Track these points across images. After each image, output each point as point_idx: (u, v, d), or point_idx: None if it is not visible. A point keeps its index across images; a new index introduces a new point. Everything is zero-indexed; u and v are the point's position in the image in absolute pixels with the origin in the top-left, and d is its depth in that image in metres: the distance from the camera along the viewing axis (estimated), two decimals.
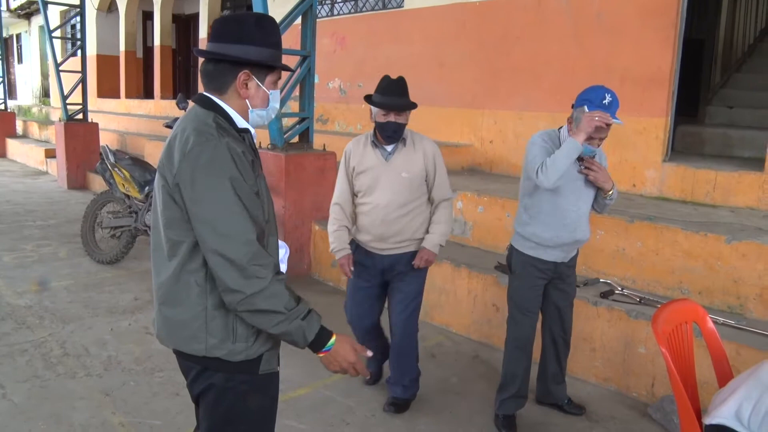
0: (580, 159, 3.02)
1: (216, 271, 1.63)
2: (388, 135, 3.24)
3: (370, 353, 1.87)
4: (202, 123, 1.69)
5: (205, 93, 1.79)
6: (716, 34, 8.14)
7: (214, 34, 1.75)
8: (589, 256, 4.24)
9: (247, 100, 1.78)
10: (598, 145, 3.04)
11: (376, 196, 3.28)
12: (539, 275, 3.22)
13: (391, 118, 3.21)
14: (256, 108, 1.80)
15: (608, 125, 2.89)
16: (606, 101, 2.91)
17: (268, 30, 1.76)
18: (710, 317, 2.61)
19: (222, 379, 1.78)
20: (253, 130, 1.85)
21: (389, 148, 3.30)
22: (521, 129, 6.24)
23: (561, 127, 3.14)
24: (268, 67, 1.78)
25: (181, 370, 1.92)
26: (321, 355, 1.77)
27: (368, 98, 3.30)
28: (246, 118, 1.81)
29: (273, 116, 1.89)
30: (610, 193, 3.11)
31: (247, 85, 1.76)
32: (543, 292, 3.30)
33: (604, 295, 3.93)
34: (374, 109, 3.25)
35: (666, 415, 3.36)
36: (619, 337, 3.75)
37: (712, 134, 6.20)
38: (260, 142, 4.11)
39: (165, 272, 1.76)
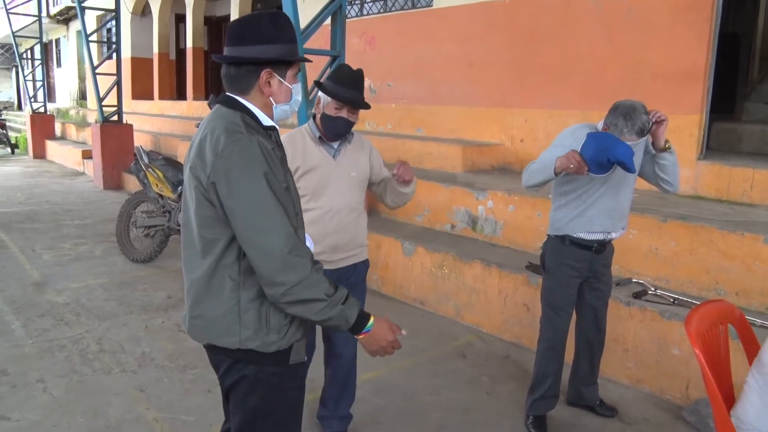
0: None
1: (257, 264, 1.67)
2: (337, 132, 2.85)
3: (404, 332, 1.90)
4: (230, 122, 1.73)
5: (228, 94, 1.82)
6: (755, 28, 7.93)
7: (231, 38, 1.78)
8: (622, 255, 4.18)
9: (270, 98, 1.82)
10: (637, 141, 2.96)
11: (326, 199, 2.87)
12: (574, 274, 3.19)
13: (344, 113, 2.80)
14: (279, 104, 1.84)
15: (578, 173, 2.83)
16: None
17: (282, 26, 1.79)
18: (747, 319, 2.56)
19: (254, 371, 1.82)
20: (275, 125, 1.88)
21: (335, 144, 2.91)
22: (552, 127, 6.17)
23: (599, 122, 3.09)
24: (287, 62, 1.82)
25: (212, 364, 1.95)
26: (361, 336, 1.82)
27: (319, 85, 2.86)
28: (270, 114, 1.84)
29: (296, 109, 1.93)
30: (667, 146, 3.01)
31: (269, 83, 1.80)
32: (577, 291, 3.26)
33: (637, 295, 3.87)
34: (324, 99, 2.81)
35: (701, 418, 3.30)
36: (652, 339, 3.69)
37: (749, 131, 6.06)
38: None
39: (198, 270, 1.80)
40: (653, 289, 3.98)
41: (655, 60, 5.35)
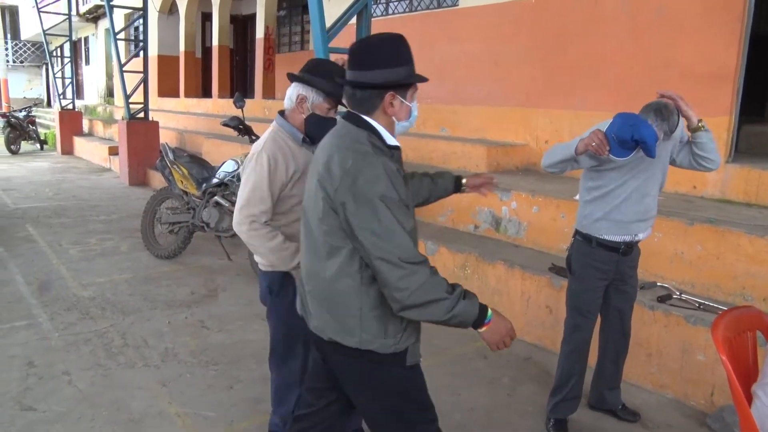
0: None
1: (382, 274, 1.80)
2: (325, 134, 2.80)
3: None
4: (358, 141, 1.86)
5: (354, 112, 1.94)
6: None
7: (356, 63, 1.90)
8: (647, 259, 4.12)
9: (393, 117, 1.94)
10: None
11: None
12: (600, 276, 3.15)
13: (333, 113, 2.71)
14: (401, 121, 1.97)
15: (599, 152, 2.78)
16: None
17: (401, 50, 1.92)
18: None
19: (372, 370, 1.98)
20: (399, 144, 1.98)
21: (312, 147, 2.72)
22: (577, 128, 6.10)
23: None
24: (405, 84, 1.94)
25: (330, 359, 2.07)
26: (483, 328, 1.90)
27: (306, 82, 2.63)
28: (392, 132, 1.96)
29: (414, 124, 2.03)
30: (701, 125, 2.97)
31: (392, 104, 1.92)
32: (603, 293, 3.23)
33: (662, 299, 3.82)
34: (314, 98, 2.66)
35: (726, 425, 3.24)
36: (676, 343, 3.64)
37: None
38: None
39: (323, 272, 1.94)
40: (678, 293, 3.93)
41: (684, 60, 5.27)
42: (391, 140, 1.93)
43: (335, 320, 1.95)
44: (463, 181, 2.63)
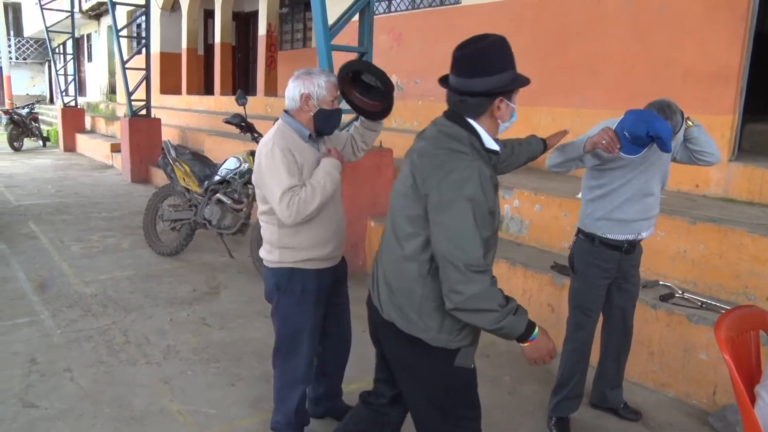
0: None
1: (444, 272, 1.85)
2: (335, 125, 2.83)
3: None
4: (458, 141, 1.91)
5: (459, 112, 1.97)
6: None
7: (464, 71, 1.93)
8: (649, 257, 4.11)
9: (499, 119, 1.99)
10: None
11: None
12: (603, 275, 3.14)
13: (337, 103, 2.77)
14: (504, 123, 2.02)
15: (609, 149, 2.75)
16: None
17: (507, 54, 1.94)
18: None
19: (422, 361, 2.04)
20: (498, 148, 2.02)
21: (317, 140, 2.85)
22: (579, 127, 6.05)
23: None
24: (512, 88, 1.97)
25: (383, 341, 2.17)
26: (527, 344, 1.96)
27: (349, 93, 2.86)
28: (494, 133, 2.01)
29: (512, 123, 2.07)
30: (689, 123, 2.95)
31: (500, 107, 1.96)
32: (606, 293, 3.22)
33: (664, 298, 3.81)
34: (318, 94, 2.73)
35: (728, 425, 3.24)
36: (678, 342, 3.63)
37: None
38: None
39: (396, 253, 2.02)
40: (680, 292, 3.92)
41: (687, 59, 5.26)
42: (490, 144, 1.98)
43: (397, 302, 2.03)
44: (547, 142, 2.75)
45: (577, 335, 3.23)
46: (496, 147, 2.00)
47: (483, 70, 1.90)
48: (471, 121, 1.96)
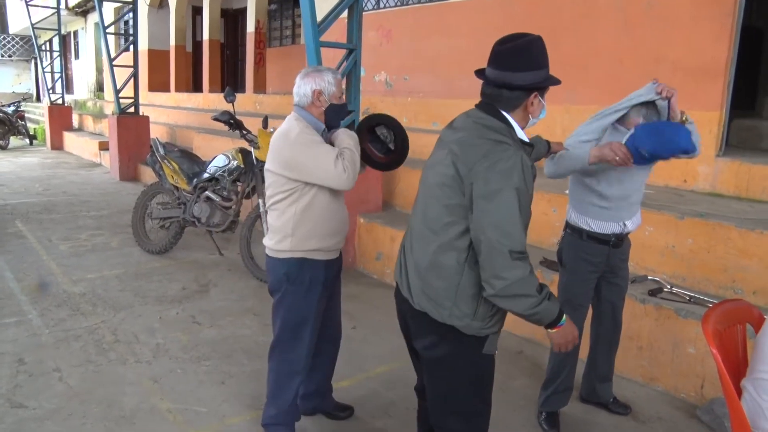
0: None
1: (488, 259, 1.89)
2: (343, 117, 2.95)
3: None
4: (500, 133, 1.98)
5: (492, 104, 2.05)
6: None
7: (504, 64, 2.02)
8: (638, 252, 4.14)
9: (530, 114, 2.09)
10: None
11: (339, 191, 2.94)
12: (591, 269, 3.15)
13: (344, 98, 2.95)
14: (534, 118, 2.11)
15: (619, 161, 2.78)
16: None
17: (544, 51, 2.06)
18: (766, 318, 2.52)
19: (453, 351, 2.09)
20: (529, 141, 2.12)
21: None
22: (568, 123, 6.12)
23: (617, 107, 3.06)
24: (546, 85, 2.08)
25: (414, 331, 2.20)
26: (555, 330, 2.04)
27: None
28: (524, 127, 2.10)
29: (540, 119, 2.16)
30: (684, 118, 2.96)
31: (533, 102, 2.06)
32: (595, 287, 3.24)
33: (653, 292, 3.83)
34: (328, 90, 2.84)
35: (715, 417, 3.26)
36: (667, 337, 3.66)
37: None
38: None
39: (433, 242, 2.05)
40: (669, 286, 3.95)
41: (675, 55, 5.28)
42: (523, 136, 2.06)
43: (429, 291, 2.06)
44: (551, 146, 2.79)
45: None
46: (527, 139, 2.09)
47: (523, 65, 2.00)
48: (505, 113, 2.04)
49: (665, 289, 3.90)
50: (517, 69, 2.00)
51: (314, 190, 2.79)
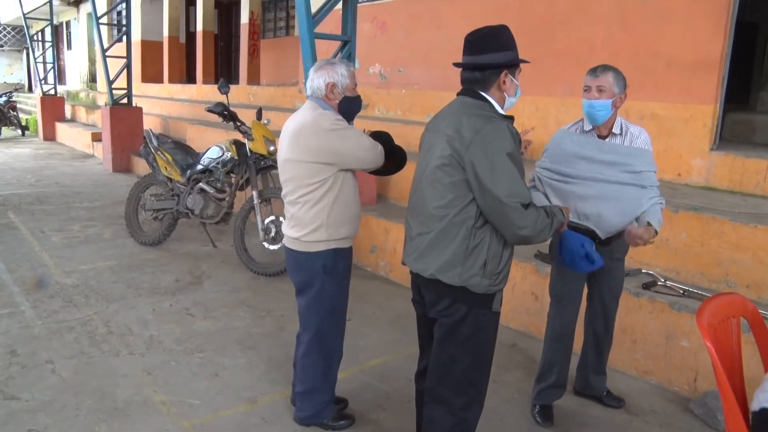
0: None
1: (505, 218, 2.17)
2: (356, 111, 3.01)
3: None
4: (483, 109, 2.25)
5: (470, 88, 2.32)
6: None
7: (474, 48, 2.29)
8: (632, 246, 4.15)
9: (505, 93, 2.34)
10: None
11: (354, 179, 2.98)
12: None
13: (357, 91, 2.97)
14: (510, 97, 2.37)
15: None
16: None
17: (510, 36, 2.32)
18: (760, 312, 2.53)
19: (465, 310, 2.31)
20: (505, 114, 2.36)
21: None
22: (564, 116, 6.12)
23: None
24: (515, 64, 2.33)
25: (428, 300, 2.42)
26: (564, 226, 2.49)
27: None
28: (502, 105, 2.35)
29: (517, 99, 2.43)
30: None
31: (505, 81, 2.32)
32: (587, 283, 3.23)
33: (647, 286, 3.84)
34: (342, 82, 2.85)
35: (709, 410, 3.28)
36: (661, 330, 3.67)
37: (764, 122, 5.98)
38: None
39: (442, 216, 2.27)
40: (663, 280, 3.96)
41: (670, 48, 5.28)
42: (502, 111, 2.32)
43: (442, 257, 2.27)
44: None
45: (557, 324, 3.24)
46: (503, 113, 2.33)
47: (491, 47, 2.26)
48: (483, 93, 2.30)
49: (659, 283, 3.91)
50: (485, 51, 2.27)
51: (343, 177, 2.84)
